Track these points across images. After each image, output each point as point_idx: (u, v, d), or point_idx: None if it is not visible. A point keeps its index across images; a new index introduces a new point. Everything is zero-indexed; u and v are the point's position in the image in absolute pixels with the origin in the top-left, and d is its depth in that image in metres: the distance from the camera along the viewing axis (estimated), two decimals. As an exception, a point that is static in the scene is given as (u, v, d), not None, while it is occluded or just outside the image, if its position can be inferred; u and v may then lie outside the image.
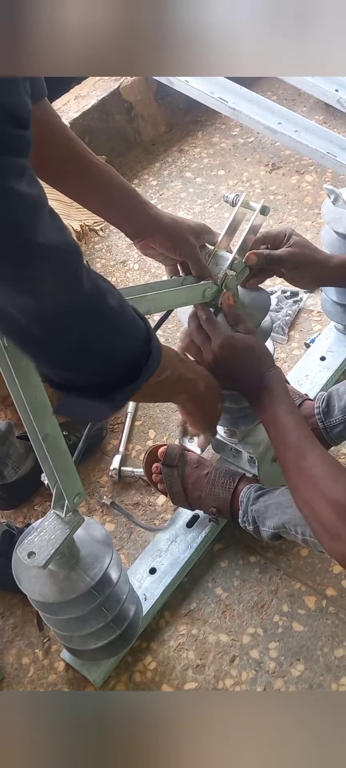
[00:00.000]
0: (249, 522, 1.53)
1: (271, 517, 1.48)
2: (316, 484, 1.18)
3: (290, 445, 1.25)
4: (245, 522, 1.54)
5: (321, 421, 1.68)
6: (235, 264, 1.37)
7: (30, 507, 1.89)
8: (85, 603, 1.33)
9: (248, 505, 1.53)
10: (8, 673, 1.59)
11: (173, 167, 3.02)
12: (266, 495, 1.52)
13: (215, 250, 1.40)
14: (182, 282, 1.31)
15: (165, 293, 1.26)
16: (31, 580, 1.34)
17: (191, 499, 1.65)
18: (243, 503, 1.54)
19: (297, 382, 1.93)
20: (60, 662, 1.58)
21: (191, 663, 1.53)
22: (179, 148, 3.11)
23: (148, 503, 1.83)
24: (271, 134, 2.66)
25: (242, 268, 1.39)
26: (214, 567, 1.68)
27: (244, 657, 1.53)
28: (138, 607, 1.50)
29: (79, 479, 1.24)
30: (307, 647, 1.52)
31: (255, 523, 1.52)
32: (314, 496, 1.17)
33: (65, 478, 1.23)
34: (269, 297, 1.48)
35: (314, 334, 2.16)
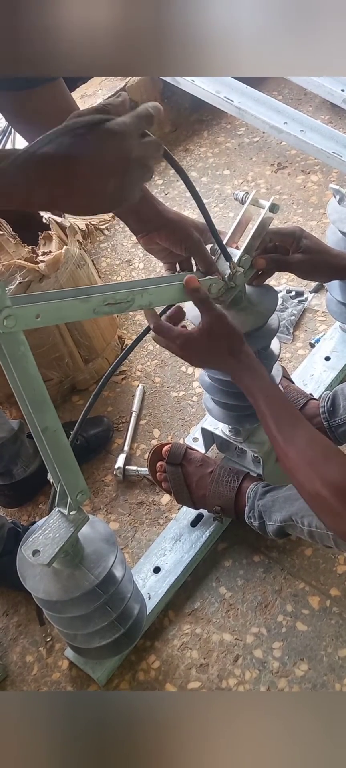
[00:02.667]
0: (255, 517, 1.53)
1: (278, 510, 1.48)
2: (308, 467, 1.17)
3: (273, 431, 1.23)
4: (251, 518, 1.54)
5: (326, 421, 1.69)
6: (243, 261, 1.37)
7: (35, 505, 1.89)
8: (90, 601, 1.33)
9: (255, 500, 1.53)
10: (12, 671, 1.59)
11: (178, 166, 3.01)
12: (273, 491, 1.52)
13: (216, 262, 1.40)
14: (183, 277, 1.31)
15: (168, 287, 1.26)
16: (36, 578, 1.34)
17: (195, 497, 1.65)
18: (250, 499, 1.54)
19: (302, 382, 1.93)
20: (64, 660, 1.58)
21: (194, 662, 1.53)
22: (185, 148, 3.11)
23: (153, 502, 1.83)
24: (276, 134, 2.67)
25: (249, 265, 1.38)
26: (218, 566, 1.68)
27: (247, 656, 1.53)
28: (142, 605, 1.51)
29: (81, 476, 1.24)
30: (311, 647, 1.52)
31: (261, 518, 1.52)
32: (309, 480, 1.16)
33: (67, 475, 1.22)
34: (276, 295, 1.48)
35: (319, 334, 2.16)
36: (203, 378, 1.60)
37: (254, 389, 1.27)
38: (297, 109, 2.72)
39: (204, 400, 1.66)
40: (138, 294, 1.19)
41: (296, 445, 1.20)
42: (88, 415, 1.30)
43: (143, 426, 2.03)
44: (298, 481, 1.20)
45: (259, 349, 1.48)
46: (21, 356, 1.08)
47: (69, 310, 1.12)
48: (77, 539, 1.33)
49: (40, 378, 1.12)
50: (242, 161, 2.96)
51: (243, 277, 1.37)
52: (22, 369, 1.09)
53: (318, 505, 1.17)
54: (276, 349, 1.56)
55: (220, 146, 3.07)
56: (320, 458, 1.17)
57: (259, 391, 1.26)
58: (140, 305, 1.21)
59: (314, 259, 1.43)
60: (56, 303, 1.10)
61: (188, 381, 2.12)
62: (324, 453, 1.18)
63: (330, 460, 1.16)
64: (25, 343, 1.08)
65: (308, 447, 1.19)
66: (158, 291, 1.24)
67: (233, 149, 3.04)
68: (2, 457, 1.81)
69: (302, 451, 1.19)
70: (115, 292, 1.16)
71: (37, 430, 1.16)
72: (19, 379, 1.10)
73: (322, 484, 1.14)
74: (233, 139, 3.10)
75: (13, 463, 1.82)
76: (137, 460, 1.94)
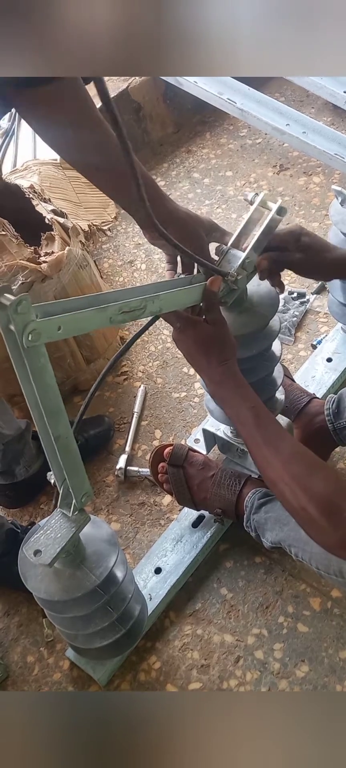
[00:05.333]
0: (252, 529, 1.54)
1: (270, 530, 1.48)
2: (292, 480, 1.16)
3: (256, 441, 1.21)
4: (249, 528, 1.55)
5: (331, 423, 1.69)
6: (246, 263, 1.36)
7: (36, 506, 1.89)
8: (91, 601, 1.33)
9: (251, 513, 1.54)
10: (13, 671, 1.59)
11: (180, 168, 3.02)
12: (268, 505, 1.52)
13: (228, 249, 1.40)
14: (191, 281, 1.31)
15: (178, 292, 1.27)
16: (37, 578, 1.34)
17: (196, 499, 1.65)
18: (247, 509, 1.55)
19: (304, 384, 1.93)
20: (65, 661, 1.58)
21: (195, 663, 1.53)
22: (187, 149, 3.12)
23: (154, 503, 1.83)
24: (279, 135, 2.67)
25: (253, 268, 1.38)
26: (219, 567, 1.68)
27: (248, 658, 1.53)
28: (143, 606, 1.51)
29: (87, 479, 1.25)
30: (312, 648, 1.52)
31: (257, 531, 1.52)
32: (293, 493, 1.15)
33: (74, 478, 1.23)
34: (277, 296, 1.47)
35: (320, 335, 2.16)
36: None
37: (237, 398, 1.25)
38: (300, 111, 2.72)
39: (206, 401, 1.66)
40: (150, 300, 1.20)
41: (282, 455, 1.18)
42: (83, 415, 1.31)
43: (145, 427, 2.03)
44: (281, 492, 1.18)
45: (260, 351, 1.48)
46: (41, 368, 1.10)
47: (87, 321, 1.13)
48: (79, 539, 1.33)
49: (57, 388, 1.13)
50: (244, 163, 2.96)
51: (245, 279, 1.37)
52: (41, 380, 1.11)
53: (302, 518, 1.16)
54: (278, 351, 1.56)
55: (222, 148, 3.08)
56: (305, 471, 1.16)
57: (243, 399, 1.24)
58: (151, 311, 1.22)
59: (314, 256, 1.42)
60: (75, 315, 1.11)
61: (189, 382, 2.12)
62: (309, 466, 1.17)
63: (315, 474, 1.15)
64: (45, 354, 1.09)
65: (293, 459, 1.18)
66: (168, 297, 1.24)
67: (235, 151, 3.04)
68: (6, 456, 1.81)
69: (288, 461, 1.17)
70: (129, 300, 1.17)
71: (50, 437, 1.17)
72: (38, 389, 1.11)
73: (306, 497, 1.13)
74: (235, 140, 3.10)
75: (15, 462, 1.83)
76: (139, 461, 1.94)
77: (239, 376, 1.26)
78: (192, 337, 1.27)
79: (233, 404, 1.25)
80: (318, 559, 1.34)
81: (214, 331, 1.28)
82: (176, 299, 1.25)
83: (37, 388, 1.10)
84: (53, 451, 1.20)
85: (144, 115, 3.14)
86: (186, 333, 1.28)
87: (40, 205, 2.14)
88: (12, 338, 1.07)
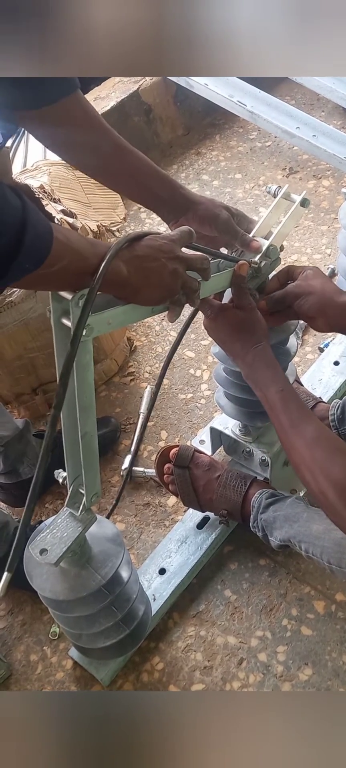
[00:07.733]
0: (259, 529, 1.54)
1: (278, 528, 1.48)
2: (314, 463, 1.17)
3: (283, 425, 1.23)
4: (255, 528, 1.55)
5: (335, 428, 1.69)
6: (270, 250, 1.38)
7: (41, 504, 1.90)
8: (96, 601, 1.33)
9: (258, 512, 1.53)
10: (16, 669, 1.60)
11: (190, 170, 3.02)
12: (276, 504, 1.52)
13: (252, 236, 1.42)
14: (218, 266, 1.32)
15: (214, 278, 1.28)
16: (43, 577, 1.34)
17: (201, 500, 1.65)
18: (254, 509, 1.55)
19: (310, 386, 1.93)
20: (68, 660, 1.59)
21: (198, 664, 1.53)
22: (197, 151, 3.12)
23: (159, 503, 1.84)
24: (289, 138, 2.67)
25: (276, 256, 1.40)
26: (223, 569, 1.68)
27: (252, 660, 1.53)
28: (147, 607, 1.51)
29: (99, 479, 1.26)
30: (315, 651, 1.52)
31: (264, 530, 1.52)
32: (313, 475, 1.16)
33: (90, 477, 1.24)
34: None
35: (327, 338, 2.15)
36: (218, 372, 1.60)
37: (267, 381, 1.26)
38: (310, 114, 2.72)
39: (216, 396, 1.67)
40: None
41: (305, 438, 1.19)
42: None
43: (151, 428, 2.03)
44: (303, 476, 1.19)
45: (277, 343, 1.49)
46: (85, 364, 1.11)
47: (132, 313, 1.15)
48: (85, 539, 1.33)
49: (93, 387, 1.15)
50: (253, 165, 2.96)
51: (269, 267, 1.39)
52: (83, 375, 1.12)
53: (323, 503, 1.17)
54: (293, 347, 1.56)
55: (232, 150, 3.08)
56: (326, 455, 1.16)
57: (272, 382, 1.26)
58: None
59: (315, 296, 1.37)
60: (123, 308, 1.13)
61: (196, 384, 2.13)
62: (332, 450, 1.17)
63: (336, 459, 1.16)
64: (91, 351, 1.11)
65: (317, 441, 1.18)
66: (203, 284, 1.25)
67: (245, 153, 3.05)
68: (8, 456, 1.82)
69: (310, 444, 1.18)
70: None
71: (76, 433, 1.18)
72: (78, 383, 1.12)
73: (327, 482, 1.13)
74: (245, 143, 3.10)
75: (19, 462, 1.83)
76: (144, 462, 1.95)
77: (270, 358, 1.29)
78: (224, 323, 1.31)
79: (263, 386, 1.27)
80: (330, 553, 1.35)
81: (245, 315, 1.31)
82: (207, 286, 1.26)
83: (77, 382, 1.12)
84: (75, 447, 1.20)
85: (154, 117, 3.15)
86: (217, 320, 1.32)
87: (50, 205, 2.15)
88: (63, 332, 1.09)
